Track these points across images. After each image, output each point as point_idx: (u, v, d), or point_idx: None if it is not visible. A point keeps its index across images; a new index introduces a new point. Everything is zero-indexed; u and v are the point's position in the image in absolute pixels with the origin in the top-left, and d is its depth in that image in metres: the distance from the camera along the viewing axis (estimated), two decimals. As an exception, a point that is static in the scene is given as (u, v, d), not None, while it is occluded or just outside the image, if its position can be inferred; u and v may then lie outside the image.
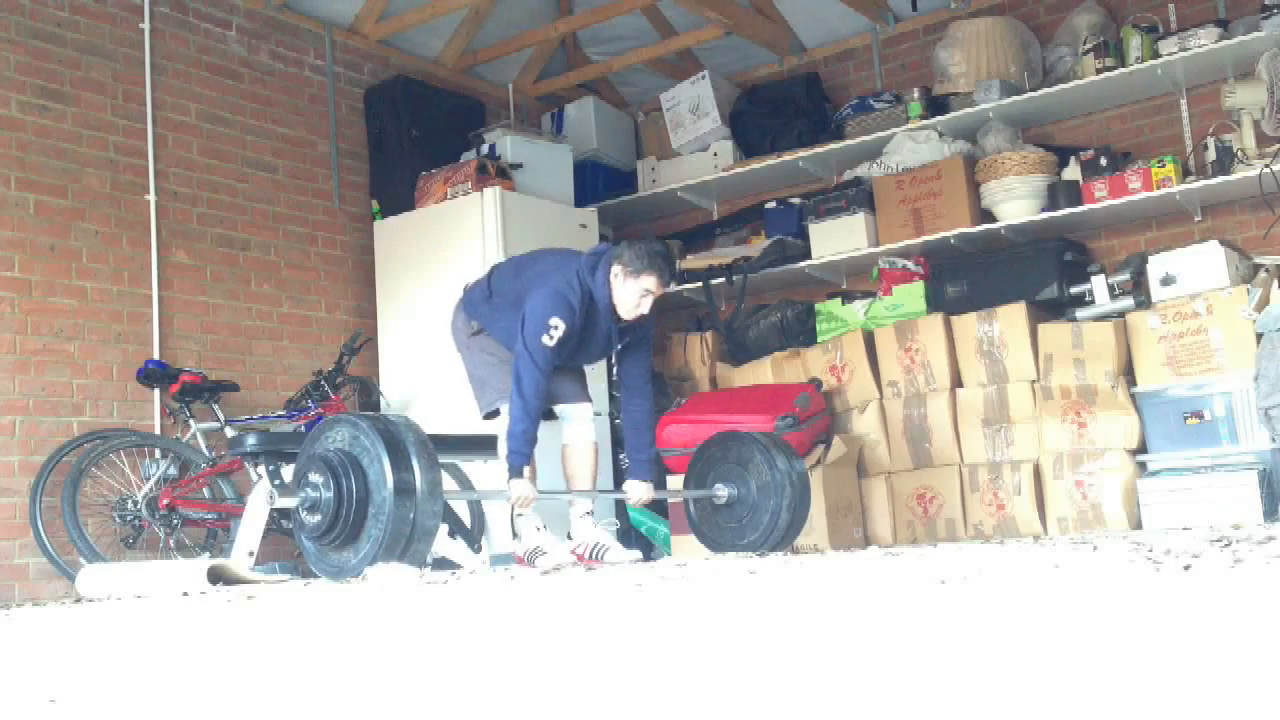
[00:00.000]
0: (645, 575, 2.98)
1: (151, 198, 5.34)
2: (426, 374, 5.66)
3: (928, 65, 6.29)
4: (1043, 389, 5.17)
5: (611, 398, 5.73)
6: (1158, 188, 5.34)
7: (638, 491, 4.32)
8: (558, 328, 3.93)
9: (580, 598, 2.63)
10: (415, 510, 3.36)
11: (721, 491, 4.44)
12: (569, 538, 4.28)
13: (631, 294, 4.05)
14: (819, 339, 5.96)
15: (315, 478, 3.45)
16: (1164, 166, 5.35)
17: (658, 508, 5.55)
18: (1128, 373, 5.09)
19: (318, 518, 3.44)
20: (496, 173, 5.91)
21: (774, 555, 3.98)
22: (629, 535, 5.51)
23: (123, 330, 5.18)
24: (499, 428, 4.22)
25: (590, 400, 4.44)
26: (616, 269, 4.05)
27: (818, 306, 6.11)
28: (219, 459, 5.07)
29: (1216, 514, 4.48)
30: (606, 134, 7.00)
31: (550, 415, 4.34)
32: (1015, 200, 5.66)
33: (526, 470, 3.93)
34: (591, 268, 4.09)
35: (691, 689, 1.46)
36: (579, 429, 4.34)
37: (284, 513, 4.85)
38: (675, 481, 5.35)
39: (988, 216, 5.82)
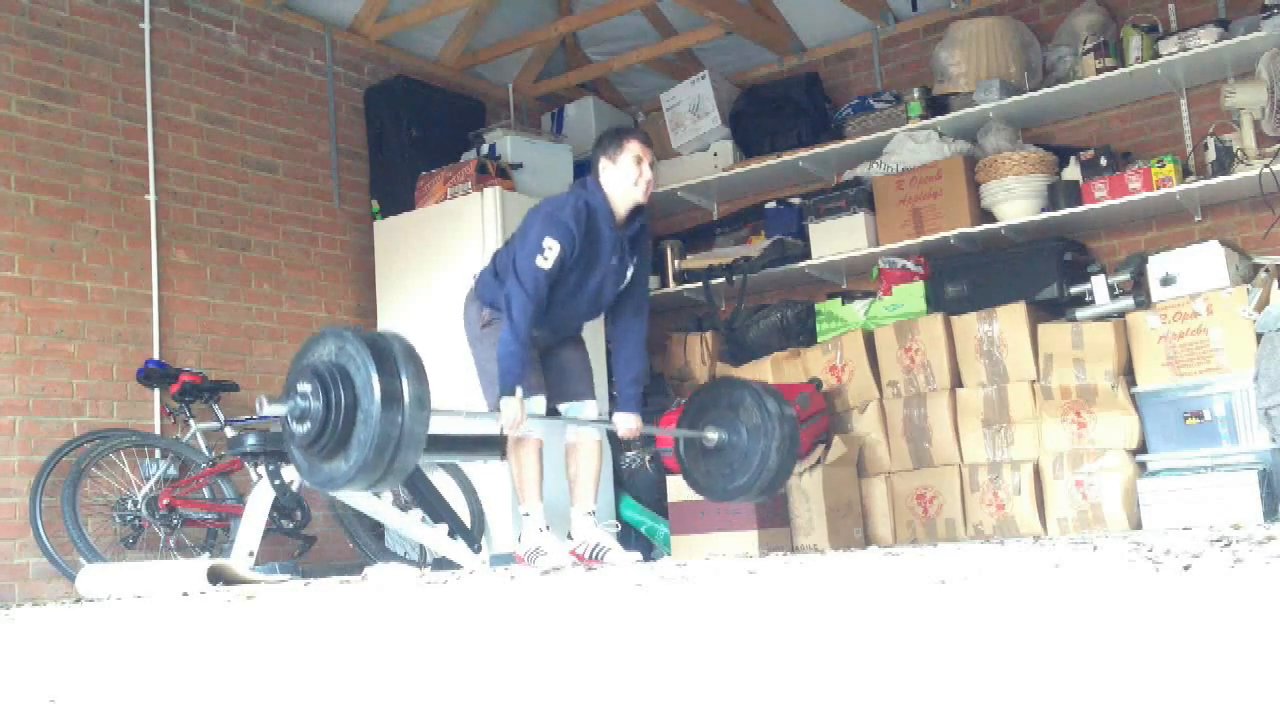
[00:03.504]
0: (645, 575, 2.98)
1: (151, 198, 5.34)
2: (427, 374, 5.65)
3: (928, 65, 6.29)
4: (1043, 389, 5.17)
5: (611, 398, 5.72)
6: (1158, 188, 5.34)
7: (626, 423, 4.28)
8: (551, 248, 3.92)
9: (580, 598, 2.63)
10: (403, 414, 3.30)
11: (712, 434, 4.40)
12: (569, 537, 4.28)
13: (626, 170, 4.09)
14: (819, 339, 5.96)
15: (303, 387, 3.40)
16: (1164, 166, 5.35)
17: (658, 508, 5.56)
18: (1128, 373, 5.09)
19: (306, 426, 3.38)
20: (496, 173, 5.91)
21: (773, 555, 3.98)
22: (629, 536, 5.51)
23: (123, 330, 5.18)
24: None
25: (595, 398, 4.40)
26: (602, 162, 4.12)
27: (818, 306, 6.11)
28: (219, 459, 5.07)
29: (1216, 514, 4.48)
30: (606, 134, 7.00)
31: (554, 414, 4.33)
32: (1015, 200, 5.66)
33: (519, 390, 3.90)
34: (583, 184, 4.16)
35: (691, 689, 1.46)
36: (585, 426, 4.32)
37: (284, 513, 4.86)
38: (675, 482, 5.35)
39: (988, 216, 5.81)
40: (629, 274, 4.23)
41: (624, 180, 4.10)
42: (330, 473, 3.43)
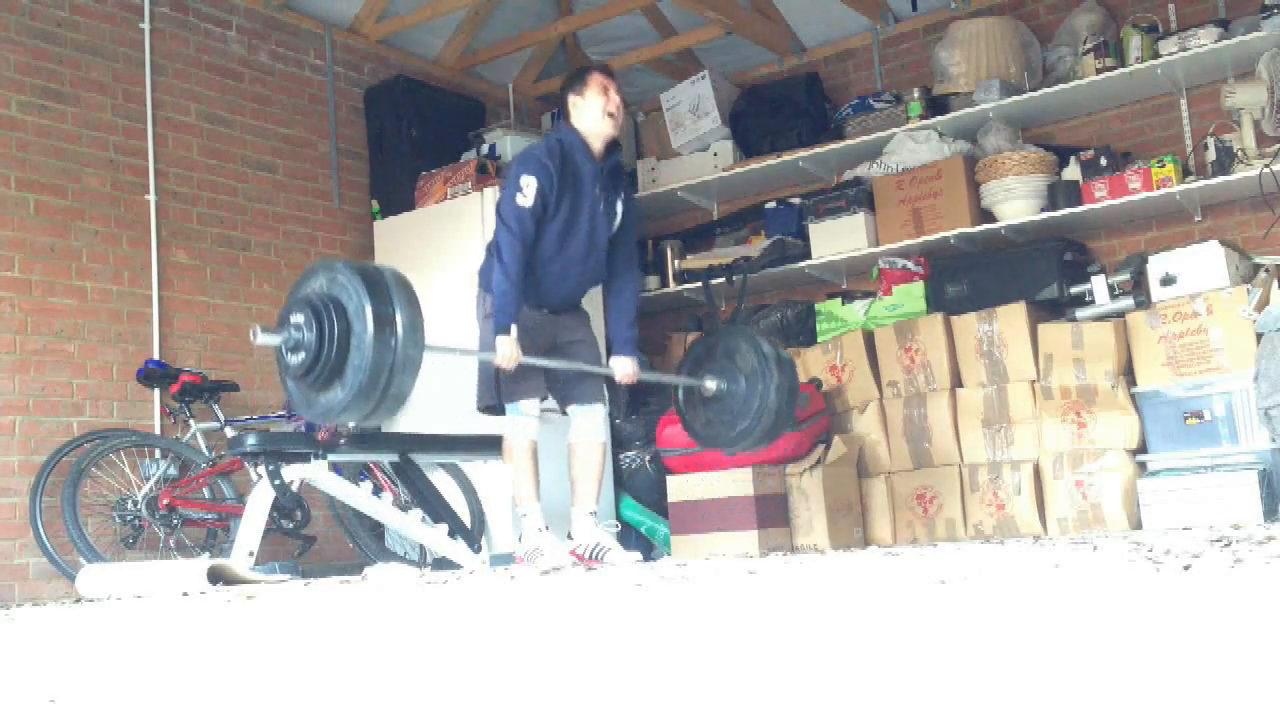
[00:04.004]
0: (645, 575, 2.98)
1: (151, 198, 5.34)
2: (426, 374, 5.65)
3: (928, 65, 6.29)
4: (1043, 389, 5.17)
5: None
6: (1158, 188, 5.34)
7: (623, 368, 4.29)
8: (529, 184, 4.01)
9: (580, 598, 2.63)
10: (396, 339, 3.30)
11: (710, 383, 4.40)
12: (569, 537, 4.28)
13: (595, 102, 4.18)
14: (819, 339, 5.96)
15: (296, 318, 3.40)
16: (1164, 166, 5.35)
17: (658, 508, 5.55)
18: (1128, 373, 5.09)
19: (300, 356, 3.38)
20: (496, 172, 5.91)
21: (773, 555, 3.98)
22: (629, 536, 5.51)
23: (123, 330, 5.18)
24: (502, 427, 4.21)
25: (604, 402, 4.37)
26: (570, 99, 4.24)
27: (818, 306, 6.11)
28: (219, 459, 5.07)
29: (1216, 514, 4.48)
30: (606, 134, 7.00)
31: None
32: (1015, 200, 5.66)
33: (513, 329, 3.95)
34: (555, 129, 4.29)
35: (691, 689, 1.46)
36: (588, 427, 4.30)
37: (284, 513, 4.86)
38: (675, 482, 5.35)
39: (988, 216, 5.81)
40: (618, 212, 4.30)
41: (594, 111, 4.19)
42: (327, 403, 3.41)
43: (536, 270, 4.10)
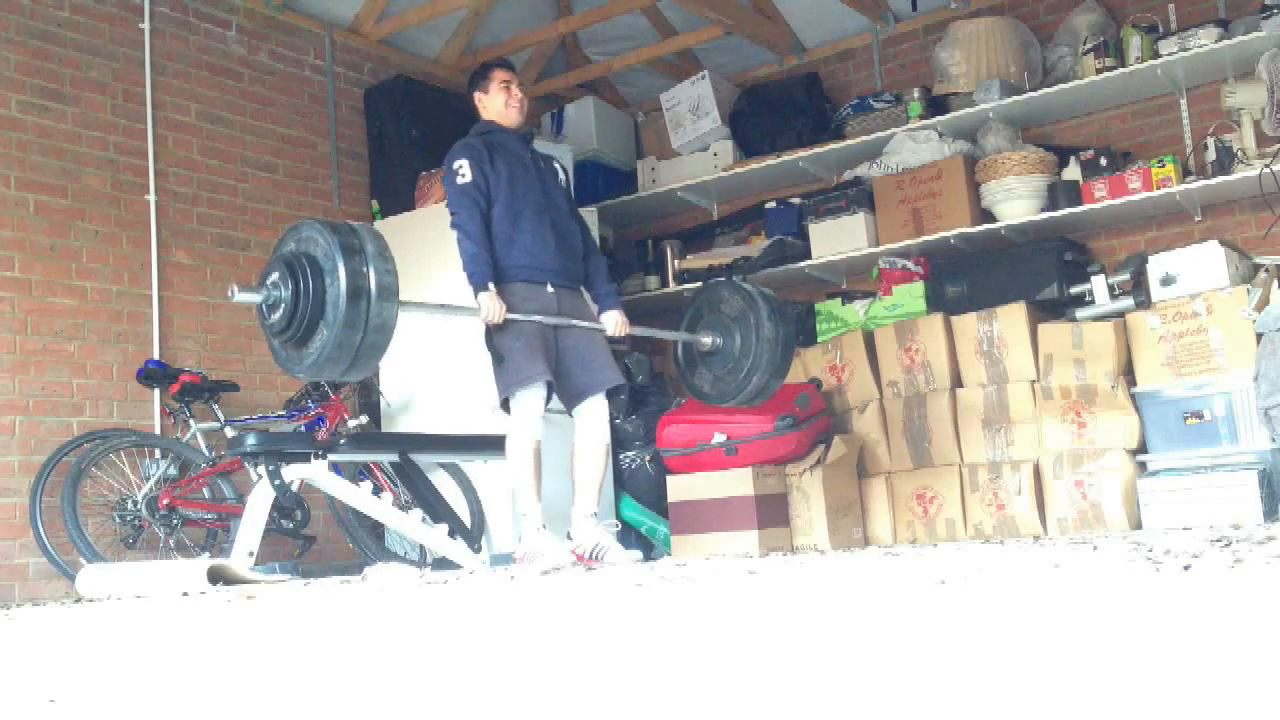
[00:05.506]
0: (645, 575, 2.98)
1: (151, 198, 5.34)
2: (426, 374, 5.66)
3: (928, 65, 6.29)
4: (1043, 389, 5.17)
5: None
6: (1158, 188, 5.34)
7: (613, 320, 4.36)
8: (461, 164, 4.26)
9: (580, 598, 2.63)
10: (367, 264, 3.41)
11: (706, 338, 4.48)
12: (569, 537, 4.28)
13: (497, 98, 4.46)
14: (819, 339, 5.96)
15: (273, 277, 3.50)
16: (1164, 166, 5.35)
17: (658, 508, 5.55)
18: (1128, 373, 5.09)
19: (279, 311, 3.47)
20: (496, 173, 5.90)
21: (773, 555, 3.98)
22: (629, 536, 5.50)
23: (123, 330, 5.18)
24: (507, 425, 4.20)
25: (604, 385, 4.28)
26: (477, 97, 4.50)
27: (818, 306, 6.11)
28: (219, 459, 5.07)
29: (1216, 514, 4.48)
30: (606, 134, 7.00)
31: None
32: (1015, 200, 5.66)
33: (491, 285, 4.09)
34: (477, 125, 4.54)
35: (691, 689, 1.46)
36: (593, 426, 4.28)
37: (284, 513, 4.85)
38: (675, 482, 5.35)
39: (988, 216, 5.82)
40: (560, 174, 4.51)
41: (498, 106, 4.46)
42: (316, 351, 3.46)
43: (515, 230, 4.24)
